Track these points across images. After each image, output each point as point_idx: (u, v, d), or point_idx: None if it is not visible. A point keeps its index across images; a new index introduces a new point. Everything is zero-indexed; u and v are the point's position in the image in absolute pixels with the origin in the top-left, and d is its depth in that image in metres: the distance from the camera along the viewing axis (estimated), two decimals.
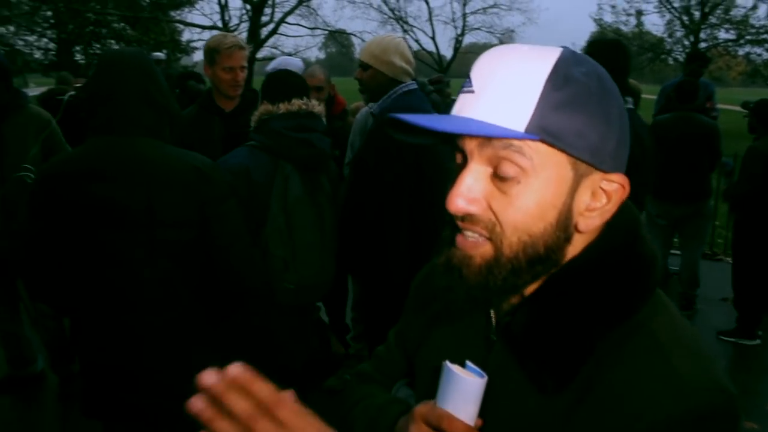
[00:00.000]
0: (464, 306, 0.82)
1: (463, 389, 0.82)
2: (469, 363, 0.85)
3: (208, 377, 0.65)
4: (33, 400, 3.88)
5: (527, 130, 0.75)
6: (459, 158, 0.82)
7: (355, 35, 28.75)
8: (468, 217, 0.80)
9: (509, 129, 0.76)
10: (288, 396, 0.67)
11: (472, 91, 0.80)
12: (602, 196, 0.82)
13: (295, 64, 3.81)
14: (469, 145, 0.79)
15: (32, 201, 1.86)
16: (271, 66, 3.82)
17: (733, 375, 0.79)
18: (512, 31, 34.61)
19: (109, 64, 1.89)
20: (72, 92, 3.65)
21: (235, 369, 0.65)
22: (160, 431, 1.98)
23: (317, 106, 2.49)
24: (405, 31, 31.53)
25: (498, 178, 0.78)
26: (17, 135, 3.46)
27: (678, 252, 5.43)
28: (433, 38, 33.23)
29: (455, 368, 0.82)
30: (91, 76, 1.92)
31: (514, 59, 0.79)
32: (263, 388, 0.66)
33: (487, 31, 34.38)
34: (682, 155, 4.80)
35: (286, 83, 2.49)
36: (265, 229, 2.37)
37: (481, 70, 0.80)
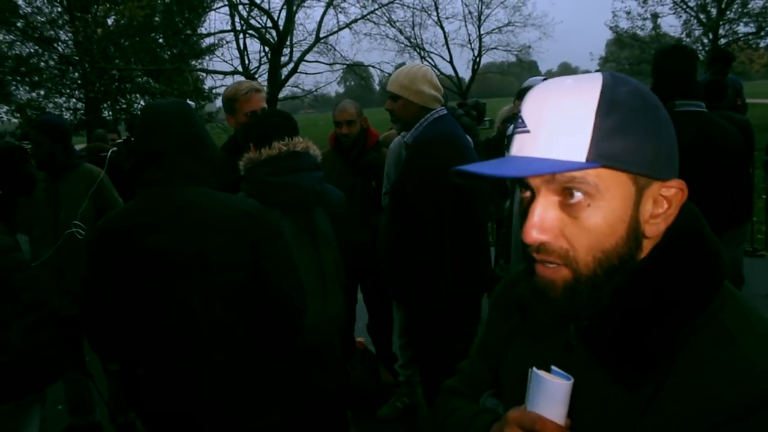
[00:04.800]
0: (557, 323, 0.91)
1: (552, 392, 0.87)
2: (554, 367, 0.90)
3: None
4: None
5: (588, 160, 0.81)
6: (527, 193, 0.88)
7: (373, 66, 29.18)
8: (543, 248, 0.86)
9: (572, 161, 0.81)
10: None
11: (528, 131, 0.86)
12: (663, 202, 0.88)
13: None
14: (535, 181, 0.86)
15: (90, 256, 1.92)
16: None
17: None
18: (529, 47, 34.51)
19: (154, 118, 1.95)
20: (114, 148, 3.81)
21: None
22: None
23: (300, 143, 2.47)
24: (422, 57, 31.73)
25: (567, 205, 0.84)
26: (71, 192, 3.65)
27: None
28: (450, 62, 33.50)
29: (543, 373, 0.88)
30: (136, 130, 1.98)
31: (562, 94, 0.85)
32: None
33: (504, 50, 34.47)
34: None
35: (265, 126, 2.49)
36: None
37: (531, 109, 0.87)
